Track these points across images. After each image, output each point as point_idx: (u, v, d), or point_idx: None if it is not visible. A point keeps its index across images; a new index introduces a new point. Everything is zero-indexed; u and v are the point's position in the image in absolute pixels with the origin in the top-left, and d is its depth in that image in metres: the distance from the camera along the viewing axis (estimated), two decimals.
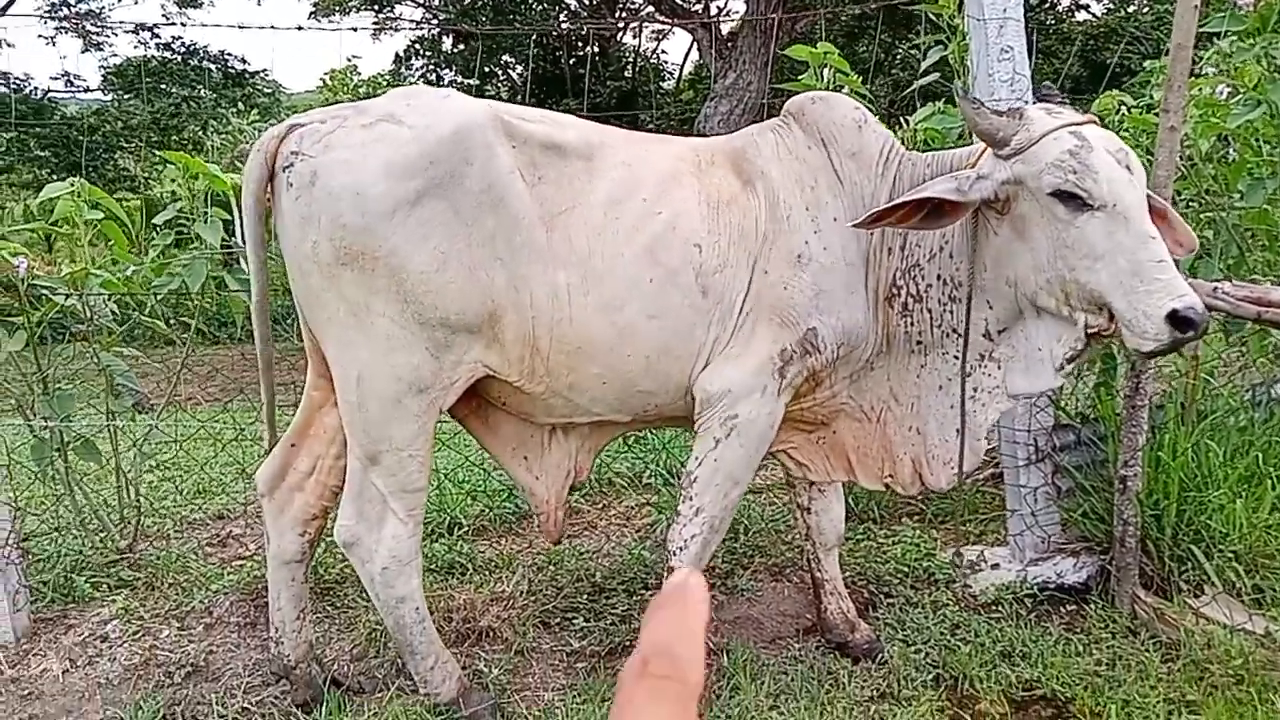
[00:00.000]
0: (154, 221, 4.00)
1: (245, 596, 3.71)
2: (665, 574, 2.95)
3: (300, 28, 3.83)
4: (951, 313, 2.76)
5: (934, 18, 4.08)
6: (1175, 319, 2.30)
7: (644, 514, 4.50)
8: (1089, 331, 2.53)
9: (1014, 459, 3.63)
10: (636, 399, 2.81)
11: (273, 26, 3.96)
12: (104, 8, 20.47)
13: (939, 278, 2.76)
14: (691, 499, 2.84)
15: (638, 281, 2.67)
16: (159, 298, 3.93)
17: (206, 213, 3.91)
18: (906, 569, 3.78)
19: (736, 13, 20.07)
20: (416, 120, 2.55)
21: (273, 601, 2.99)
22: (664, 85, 23.72)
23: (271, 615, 2.99)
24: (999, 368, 2.75)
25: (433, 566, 3.82)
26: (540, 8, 18.21)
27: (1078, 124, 2.50)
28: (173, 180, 4.05)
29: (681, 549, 2.85)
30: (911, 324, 2.81)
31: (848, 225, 2.67)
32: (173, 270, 3.92)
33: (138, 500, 4.15)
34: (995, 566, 3.69)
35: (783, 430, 2.91)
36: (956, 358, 2.78)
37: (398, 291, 2.50)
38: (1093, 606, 3.38)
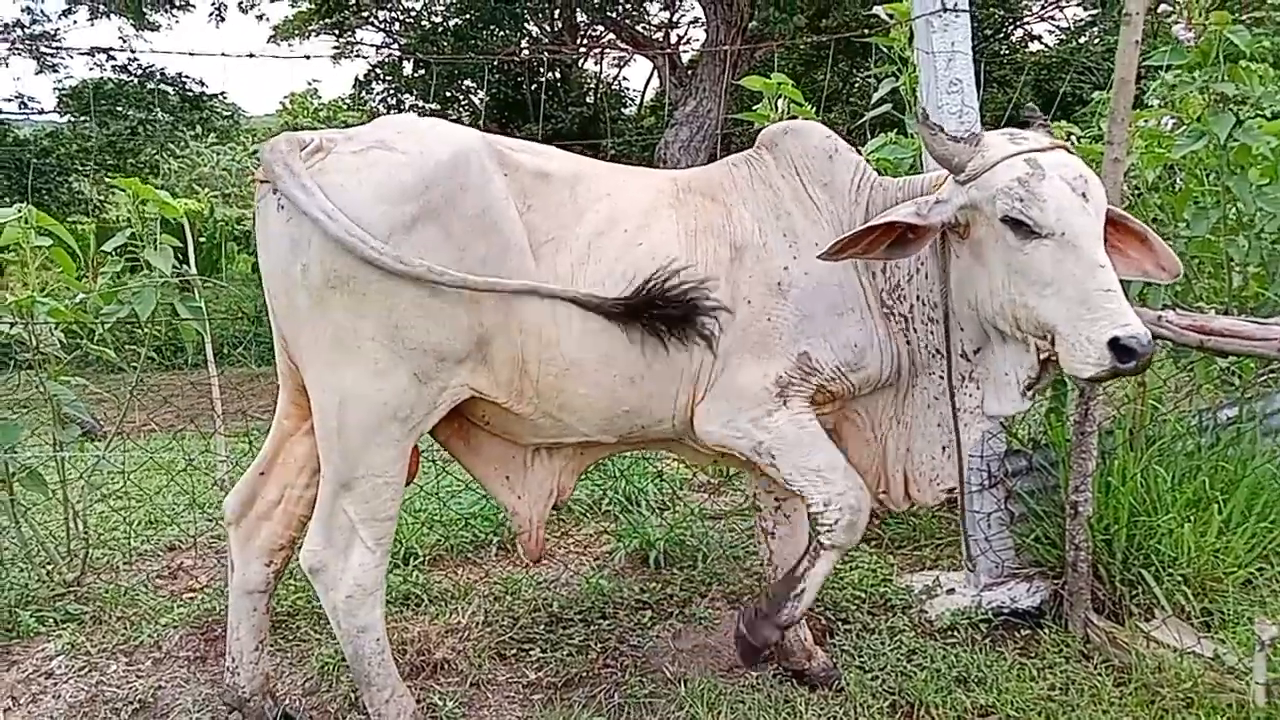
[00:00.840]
0: (103, 248, 3.95)
1: (195, 630, 3.64)
2: (813, 546, 2.90)
3: (252, 55, 3.80)
4: (933, 333, 2.81)
5: (886, 49, 4.14)
6: (1117, 346, 2.31)
7: (602, 542, 4.48)
8: (1041, 357, 2.57)
9: (968, 484, 3.66)
10: (622, 419, 2.83)
11: (224, 54, 3.92)
12: (59, 30, 20.23)
13: (918, 299, 2.81)
14: (812, 503, 2.83)
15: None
16: (107, 326, 3.87)
17: (156, 239, 3.86)
18: (863, 594, 3.79)
19: (696, 41, 20.28)
20: (410, 146, 2.56)
21: (231, 631, 2.94)
22: (625, 112, 23.84)
23: (229, 645, 2.94)
24: (978, 388, 2.80)
25: (388, 597, 3.75)
26: (502, 34, 18.23)
27: (1038, 150, 2.51)
28: (123, 206, 4.01)
29: (830, 529, 2.84)
30: (910, 341, 2.86)
31: (816, 256, 2.68)
32: (122, 297, 3.87)
33: (86, 532, 4.06)
34: (951, 591, 3.71)
35: None
36: (941, 378, 2.83)
37: (388, 316, 2.50)
38: (1046, 631, 3.41)
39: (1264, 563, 3.48)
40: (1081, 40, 18.81)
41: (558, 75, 21.09)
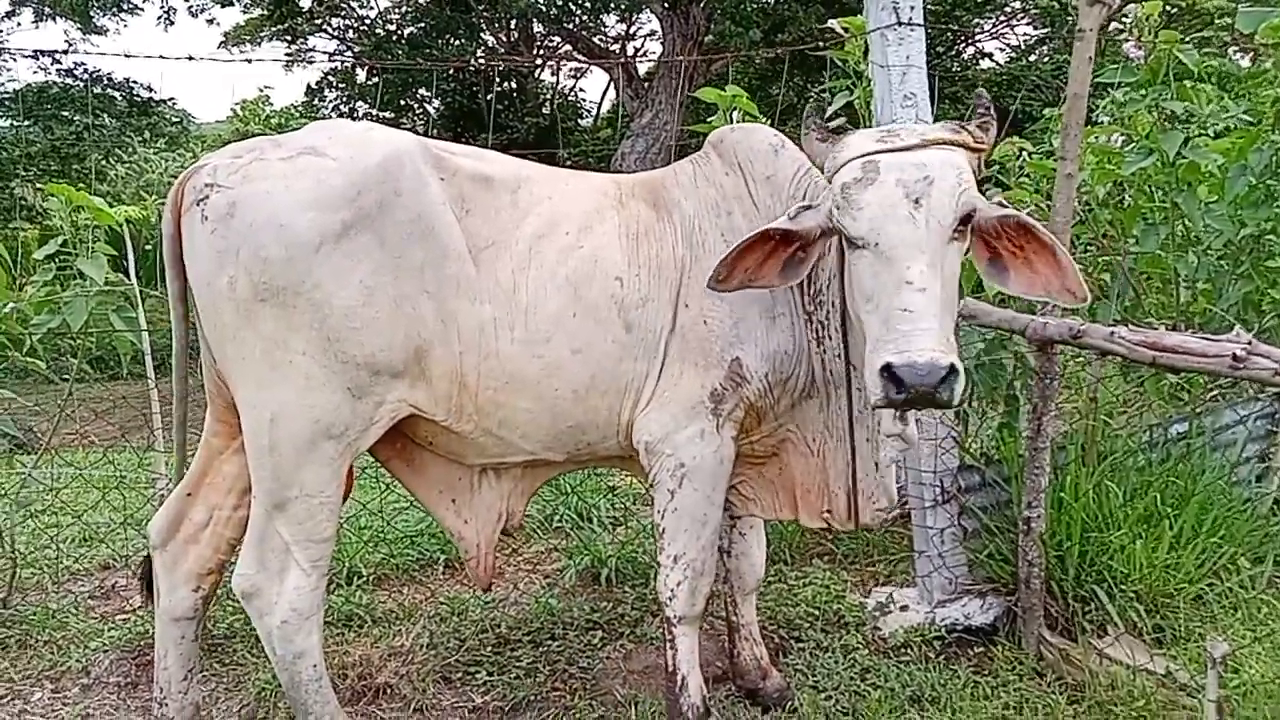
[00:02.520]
0: (34, 255, 3.81)
1: (127, 654, 3.51)
2: (663, 625, 2.87)
3: (191, 58, 3.67)
4: (852, 342, 2.72)
5: (841, 63, 4.13)
6: (889, 374, 2.14)
7: (552, 559, 4.40)
8: None
9: (920, 500, 3.64)
10: (567, 436, 2.76)
11: (162, 56, 3.80)
12: (1, 31, 19.78)
13: (833, 304, 2.73)
14: (666, 549, 2.81)
15: (561, 316, 2.64)
16: (37, 336, 3.72)
17: (90, 247, 3.73)
18: (817, 612, 3.75)
19: (653, 53, 20.31)
20: (341, 151, 2.50)
21: (159, 660, 2.82)
22: (581, 123, 23.81)
23: (157, 675, 2.82)
24: None
25: (329, 619, 3.65)
26: (457, 43, 18.12)
27: (898, 149, 2.34)
28: (56, 214, 3.87)
29: (671, 598, 2.81)
30: (825, 352, 2.78)
31: (706, 285, 2.58)
32: (53, 307, 3.72)
33: (13, 551, 3.90)
34: (904, 608, 3.68)
35: (735, 463, 2.86)
36: (860, 390, 2.74)
37: (320, 328, 2.42)
38: (1000, 648, 3.39)
39: (1214, 578, 3.48)
40: (1031, 58, 19.12)
41: (513, 85, 21.01)
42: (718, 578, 3.27)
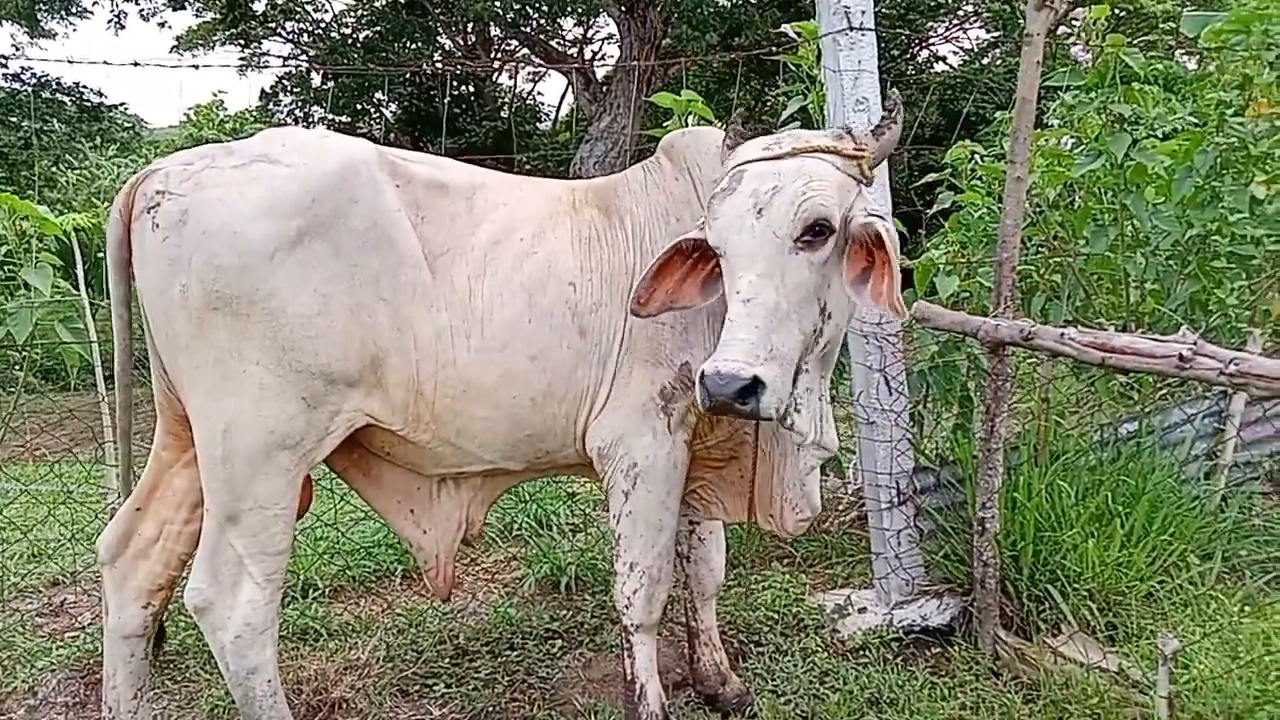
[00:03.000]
0: None
1: (75, 673, 3.44)
2: (621, 633, 2.85)
3: (137, 63, 3.60)
4: None
5: (795, 68, 4.14)
6: (702, 380, 2.16)
7: (512, 568, 4.37)
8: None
9: (877, 502, 3.66)
10: (526, 444, 2.74)
11: (106, 62, 3.73)
12: None
13: None
14: (622, 555, 2.81)
15: (517, 322, 2.63)
16: None
17: (35, 257, 3.65)
18: (776, 615, 3.75)
19: (611, 57, 20.32)
20: (295, 159, 2.47)
21: (108, 679, 2.76)
22: (540, 127, 23.77)
23: (105, 694, 2.76)
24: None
25: (283, 633, 3.60)
26: (414, 47, 18.02)
27: (770, 158, 2.36)
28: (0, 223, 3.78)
29: (628, 606, 2.80)
30: None
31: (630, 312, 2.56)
32: None
33: None
34: (862, 610, 3.70)
35: (693, 467, 2.86)
36: None
37: (274, 337, 2.39)
38: (956, 648, 3.41)
39: (1165, 576, 3.53)
40: (984, 62, 19.37)
41: (471, 89, 20.92)
42: (677, 583, 3.27)
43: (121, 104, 19.72)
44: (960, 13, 18.93)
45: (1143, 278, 4.28)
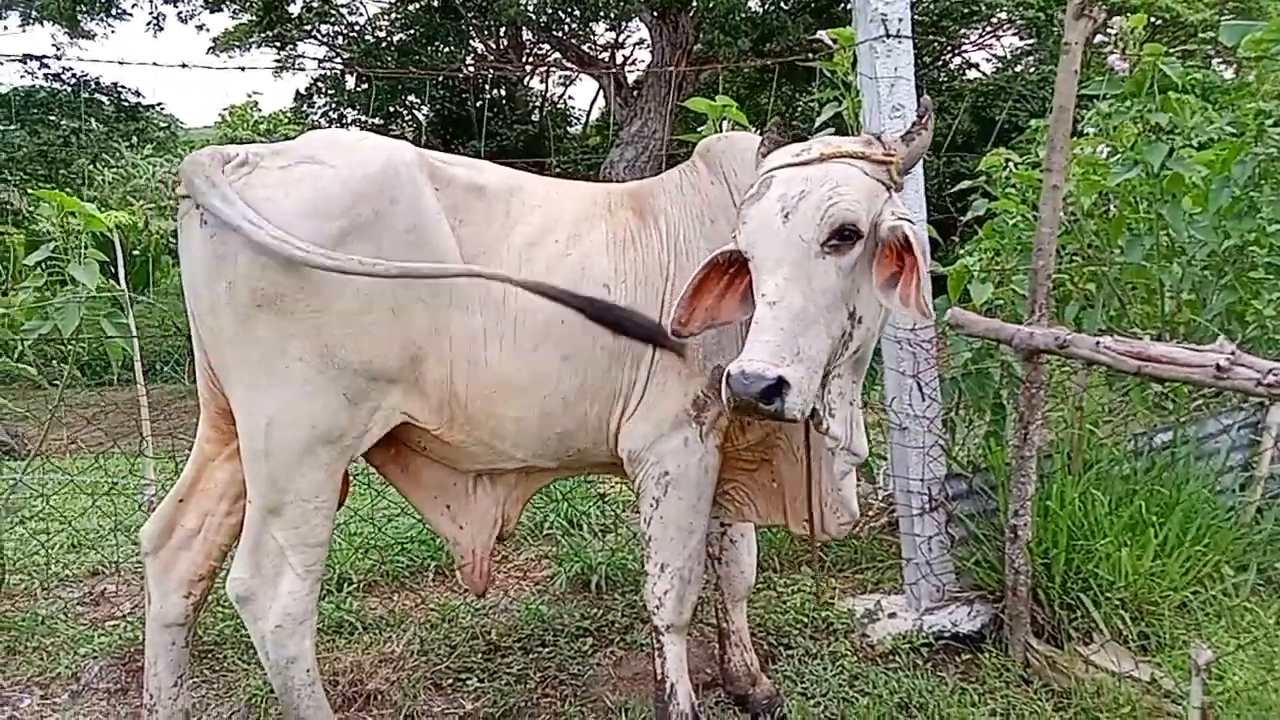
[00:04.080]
0: (25, 261, 3.81)
1: (117, 660, 3.50)
2: (651, 633, 2.88)
3: (185, 65, 3.69)
4: None
5: (829, 74, 4.16)
6: (727, 380, 2.19)
7: (543, 567, 4.41)
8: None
9: (908, 508, 3.66)
10: (557, 443, 2.77)
11: (155, 63, 3.81)
12: None
13: None
14: (653, 557, 2.83)
15: (550, 323, 2.65)
16: (28, 342, 3.72)
17: (82, 253, 3.73)
18: (806, 619, 3.77)
19: (642, 62, 20.37)
20: (339, 160, 2.51)
21: (149, 667, 2.81)
22: (570, 130, 23.85)
23: (146, 681, 2.81)
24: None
25: (319, 626, 3.63)
26: (447, 50, 18.13)
27: (800, 164, 2.38)
28: (47, 219, 3.87)
29: (659, 606, 2.83)
30: None
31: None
32: (45, 313, 3.72)
33: (2, 557, 3.89)
34: (892, 615, 3.71)
35: (725, 469, 2.88)
36: None
37: (317, 334, 2.43)
38: (987, 655, 3.41)
39: (1199, 586, 3.52)
40: (1018, 69, 19.23)
41: (503, 93, 21.03)
42: (708, 584, 3.29)
43: (159, 104, 19.92)
44: (994, 20, 18.83)
45: (1178, 288, 4.26)
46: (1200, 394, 4.38)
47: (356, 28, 20.05)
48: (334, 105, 20.27)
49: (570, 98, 25.21)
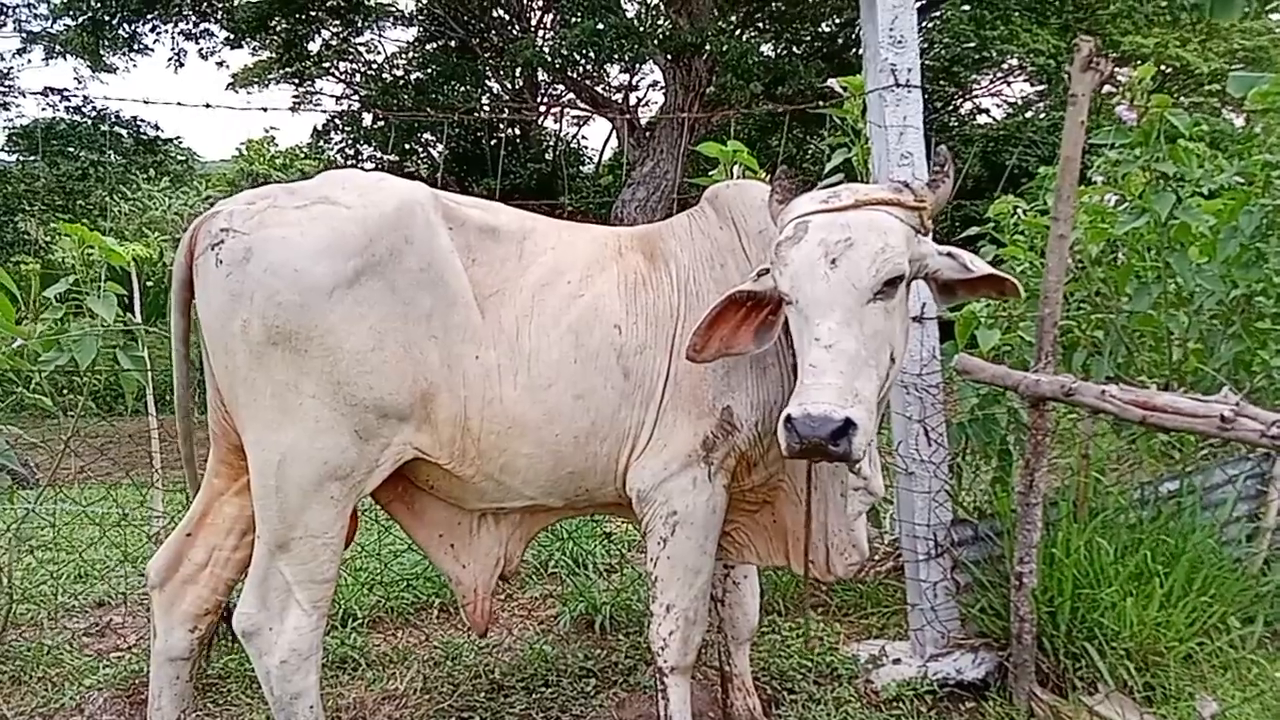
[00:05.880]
0: (45, 293, 3.86)
1: (121, 693, 3.51)
2: (655, 675, 2.89)
3: (209, 105, 3.78)
4: None
5: (839, 120, 4.22)
6: (789, 425, 2.22)
7: (548, 605, 4.40)
8: None
9: (914, 553, 3.66)
10: (566, 482, 2.80)
11: (180, 103, 3.90)
12: (12, 69, 20.04)
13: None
14: (658, 597, 2.84)
15: (562, 362, 2.70)
16: (45, 373, 3.76)
17: (101, 286, 3.78)
18: (810, 663, 3.75)
19: (655, 103, 20.58)
20: (355, 200, 2.56)
21: (153, 700, 2.82)
22: (583, 170, 24.07)
23: (150, 715, 2.82)
24: None
25: (324, 660, 3.64)
26: (463, 89, 18.38)
27: (831, 209, 2.44)
28: (67, 251, 3.93)
29: (664, 647, 2.84)
30: None
31: (685, 358, 2.64)
32: (63, 344, 3.77)
33: (10, 586, 3.91)
34: (897, 661, 3.69)
35: (727, 510, 2.89)
36: None
37: (330, 372, 2.47)
38: (991, 703, 3.39)
39: (1205, 638, 3.50)
40: (1028, 114, 19.38)
41: (517, 132, 21.26)
42: (711, 627, 3.29)
43: (177, 138, 20.19)
44: (1005, 66, 19.00)
45: (1185, 336, 4.27)
46: (1207, 443, 4.37)
47: (374, 66, 20.34)
48: (350, 141, 20.53)
49: (584, 137, 25.50)
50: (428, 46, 19.84)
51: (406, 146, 20.44)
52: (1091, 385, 3.03)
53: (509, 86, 20.65)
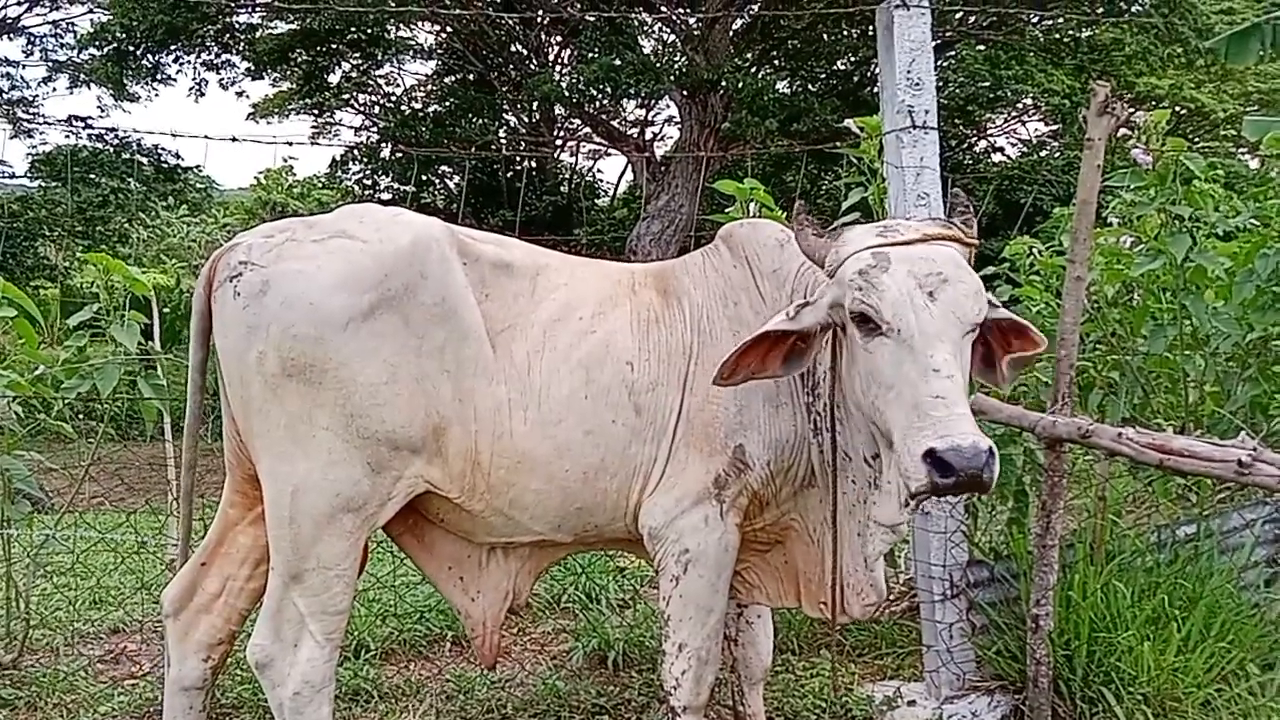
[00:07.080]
0: (68, 322, 3.91)
1: None
2: (668, 715, 2.89)
3: (235, 139, 3.85)
4: (844, 435, 2.73)
5: (856, 160, 4.26)
6: (933, 459, 2.12)
7: (560, 640, 4.39)
8: None
9: (929, 594, 3.65)
10: (575, 517, 2.80)
11: (207, 136, 3.97)
12: (37, 96, 20.37)
13: (829, 397, 2.74)
14: (670, 636, 2.83)
15: (573, 397, 2.71)
16: (66, 400, 3.80)
17: (125, 315, 3.83)
18: (824, 704, 3.72)
19: (671, 138, 20.74)
20: (371, 234, 2.60)
21: None
22: (598, 203, 24.23)
23: None
24: (879, 495, 2.67)
25: (336, 692, 3.63)
26: (480, 122, 18.56)
27: (899, 243, 2.42)
28: (88, 278, 3.99)
29: (676, 686, 2.83)
30: (822, 443, 2.80)
31: (712, 382, 2.63)
32: (84, 372, 3.81)
33: (26, 612, 3.93)
34: (912, 703, 3.66)
35: (739, 549, 2.88)
36: (854, 481, 2.76)
37: (344, 404, 2.50)
38: None
39: (1223, 684, 3.46)
40: (1043, 154, 19.45)
41: (533, 164, 21.44)
42: (724, 666, 3.28)
43: (196, 166, 20.42)
44: (1019, 105, 19.09)
45: (1202, 379, 4.27)
46: (1224, 486, 4.35)
47: (393, 98, 20.57)
48: (368, 173, 20.72)
49: (599, 171, 25.68)
50: (446, 80, 20.08)
51: (424, 178, 20.66)
52: (1108, 428, 3.03)
53: (526, 120, 20.86)
